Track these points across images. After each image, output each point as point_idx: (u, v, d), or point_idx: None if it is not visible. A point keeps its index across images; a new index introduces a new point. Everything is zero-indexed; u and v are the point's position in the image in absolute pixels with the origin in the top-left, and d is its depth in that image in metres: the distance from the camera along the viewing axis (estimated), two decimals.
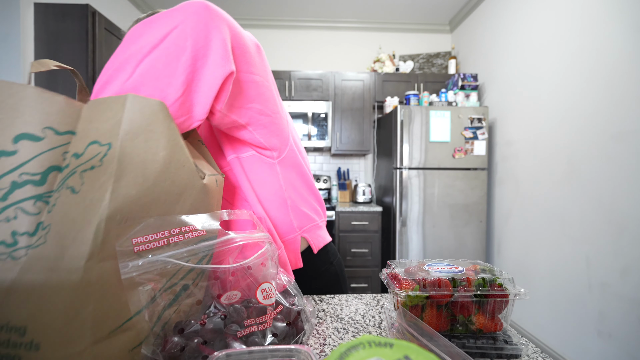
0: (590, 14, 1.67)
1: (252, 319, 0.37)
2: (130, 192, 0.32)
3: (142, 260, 0.31)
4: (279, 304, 0.41)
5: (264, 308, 0.39)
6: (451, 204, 2.39)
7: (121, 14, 2.57)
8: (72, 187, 0.31)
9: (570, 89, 1.78)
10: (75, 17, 1.81)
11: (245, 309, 0.38)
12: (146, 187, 0.34)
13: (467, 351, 0.40)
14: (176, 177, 0.37)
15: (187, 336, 0.34)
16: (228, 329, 0.35)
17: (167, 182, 0.36)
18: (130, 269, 0.30)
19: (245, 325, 0.36)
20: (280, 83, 2.87)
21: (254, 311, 0.38)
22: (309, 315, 0.43)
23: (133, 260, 0.31)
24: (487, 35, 2.61)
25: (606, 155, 1.56)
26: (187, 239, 0.35)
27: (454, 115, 2.37)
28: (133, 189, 0.32)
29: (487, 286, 0.42)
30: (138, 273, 0.31)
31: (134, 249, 0.31)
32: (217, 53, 0.42)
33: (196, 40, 0.41)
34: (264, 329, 0.37)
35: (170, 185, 0.37)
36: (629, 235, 1.44)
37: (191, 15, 0.42)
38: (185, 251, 0.34)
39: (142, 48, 0.40)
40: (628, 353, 1.43)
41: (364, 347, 0.18)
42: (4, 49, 1.72)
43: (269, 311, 0.39)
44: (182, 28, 0.41)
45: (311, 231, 0.67)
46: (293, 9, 3.04)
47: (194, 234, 0.36)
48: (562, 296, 1.80)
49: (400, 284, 0.43)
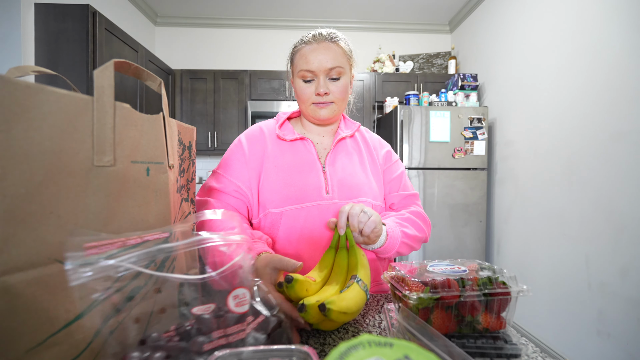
0: (590, 14, 1.67)
1: (221, 329, 0.33)
2: (20, 192, 0.29)
3: (94, 266, 0.28)
4: (259, 314, 0.38)
5: (239, 317, 0.35)
6: (451, 204, 2.39)
7: (121, 14, 2.57)
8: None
9: (569, 89, 1.78)
10: (76, 17, 1.81)
11: (216, 318, 0.34)
12: (38, 182, 0.30)
13: (467, 351, 0.41)
14: (71, 167, 0.33)
15: (149, 349, 0.31)
16: (194, 342, 0.31)
17: (63, 173, 0.32)
18: (80, 275, 0.27)
19: (214, 337, 0.32)
20: (280, 83, 2.87)
21: (225, 321, 0.34)
22: (289, 326, 0.41)
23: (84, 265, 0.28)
24: (487, 35, 2.61)
25: (605, 155, 1.56)
26: (146, 240, 0.32)
27: (454, 115, 2.37)
28: (22, 187, 0.29)
29: (493, 284, 0.42)
30: (90, 279, 0.28)
31: (86, 253, 0.28)
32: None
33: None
34: (236, 340, 0.33)
35: (67, 177, 0.33)
36: (628, 234, 1.45)
37: None
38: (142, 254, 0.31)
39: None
40: (627, 352, 1.43)
41: (364, 347, 0.18)
42: (5, 49, 1.73)
43: (246, 321, 0.35)
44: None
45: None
46: (293, 10, 3.04)
47: (154, 236, 0.33)
48: (562, 296, 1.80)
49: (410, 287, 0.43)
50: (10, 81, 0.29)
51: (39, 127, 0.31)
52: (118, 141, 0.38)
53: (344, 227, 0.57)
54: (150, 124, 0.43)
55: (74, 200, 0.33)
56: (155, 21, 3.12)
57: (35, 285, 0.29)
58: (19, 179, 0.29)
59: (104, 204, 0.36)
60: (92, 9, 1.83)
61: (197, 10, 3.04)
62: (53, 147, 0.32)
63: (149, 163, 0.42)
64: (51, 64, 1.80)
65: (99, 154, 0.36)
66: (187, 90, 2.88)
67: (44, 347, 0.30)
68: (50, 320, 0.30)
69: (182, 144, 0.53)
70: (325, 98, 0.73)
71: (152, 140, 0.43)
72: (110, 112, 0.37)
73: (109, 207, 0.37)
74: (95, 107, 0.36)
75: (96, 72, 0.37)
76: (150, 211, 0.42)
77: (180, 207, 0.52)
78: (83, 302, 0.27)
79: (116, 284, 0.29)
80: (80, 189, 0.34)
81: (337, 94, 0.73)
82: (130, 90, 2.21)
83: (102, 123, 0.36)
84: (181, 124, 0.53)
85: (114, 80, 0.38)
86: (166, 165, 0.46)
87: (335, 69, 0.72)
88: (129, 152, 0.40)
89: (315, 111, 0.75)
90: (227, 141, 2.90)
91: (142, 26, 2.92)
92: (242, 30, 3.25)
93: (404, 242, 0.68)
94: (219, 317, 0.34)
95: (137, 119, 0.41)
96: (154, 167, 0.43)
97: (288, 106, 2.78)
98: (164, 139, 0.46)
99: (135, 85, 2.25)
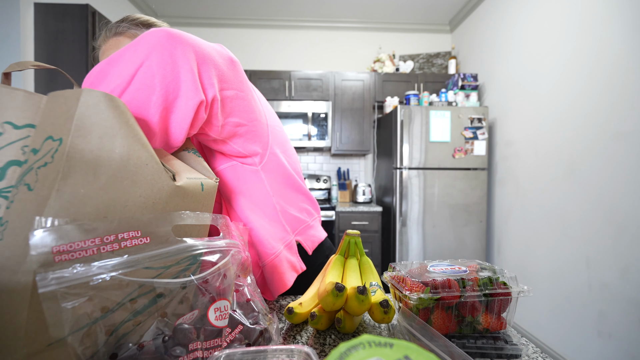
0: (590, 13, 1.67)
1: (198, 342, 0.31)
2: (78, 191, 0.30)
3: (65, 272, 0.26)
4: (238, 323, 0.36)
5: (218, 331, 0.33)
6: (451, 204, 2.39)
7: (121, 14, 2.57)
8: (28, 183, 0.30)
9: (570, 88, 1.78)
10: (75, 17, 1.81)
11: (196, 329, 0.32)
12: (98, 186, 0.31)
13: (467, 351, 0.40)
14: (137, 176, 0.34)
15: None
16: (170, 354, 0.30)
17: (127, 181, 0.33)
18: (49, 281, 0.25)
19: (190, 350, 0.30)
20: (280, 83, 2.87)
21: (205, 332, 0.32)
22: (272, 335, 0.38)
23: (54, 271, 0.26)
24: (487, 35, 2.61)
25: (606, 155, 1.56)
26: (124, 247, 0.30)
27: (454, 115, 2.37)
28: (82, 187, 0.30)
29: (494, 285, 0.42)
30: (60, 287, 0.26)
31: (55, 258, 0.26)
32: (187, 84, 0.42)
33: (164, 76, 0.40)
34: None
35: (130, 186, 0.34)
36: (629, 235, 1.44)
37: (155, 49, 0.40)
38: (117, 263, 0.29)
39: (113, 92, 0.39)
40: (628, 353, 1.43)
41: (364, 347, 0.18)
42: (4, 49, 1.73)
43: (224, 334, 0.33)
44: (148, 65, 0.40)
45: (304, 233, 0.67)
46: (293, 9, 3.04)
47: (133, 241, 0.31)
48: (562, 296, 1.80)
49: (410, 287, 0.43)
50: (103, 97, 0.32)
51: (113, 135, 0.33)
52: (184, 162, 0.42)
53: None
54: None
55: (132, 209, 0.34)
56: None
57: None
58: (82, 180, 0.30)
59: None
60: (91, 8, 1.83)
61: (197, 10, 3.03)
62: (122, 155, 0.33)
63: (202, 179, 0.43)
64: (50, 64, 1.80)
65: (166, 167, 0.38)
66: None
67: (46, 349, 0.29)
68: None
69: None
70: None
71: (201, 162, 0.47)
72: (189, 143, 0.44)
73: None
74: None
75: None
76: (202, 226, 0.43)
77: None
78: (50, 310, 0.26)
79: (89, 292, 0.28)
80: (142, 199, 0.35)
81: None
82: None
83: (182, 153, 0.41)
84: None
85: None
86: (213, 180, 0.47)
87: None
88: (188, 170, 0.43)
89: None
90: None
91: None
92: (242, 30, 3.25)
93: None
94: (198, 328, 0.32)
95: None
96: (206, 183, 0.44)
97: (288, 106, 2.78)
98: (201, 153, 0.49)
99: None
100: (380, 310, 0.44)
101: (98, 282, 0.27)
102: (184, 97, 0.42)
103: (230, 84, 0.50)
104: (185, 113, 0.42)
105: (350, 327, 0.47)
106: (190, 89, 0.42)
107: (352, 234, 0.60)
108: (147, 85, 0.40)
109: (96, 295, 0.28)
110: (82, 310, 0.27)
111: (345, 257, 0.59)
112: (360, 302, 0.43)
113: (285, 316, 0.48)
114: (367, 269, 0.56)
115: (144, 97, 0.40)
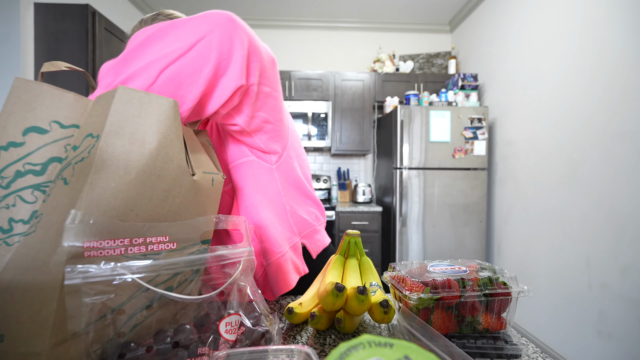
0: (591, 14, 1.67)
1: (206, 347, 0.32)
2: (110, 185, 0.31)
3: (92, 268, 0.27)
4: (241, 325, 0.37)
5: (226, 343, 0.33)
6: (451, 204, 2.39)
7: (121, 14, 2.57)
8: (65, 178, 0.31)
9: (570, 88, 1.78)
10: (75, 17, 1.81)
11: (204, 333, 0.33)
12: (128, 180, 0.32)
13: (467, 351, 0.40)
14: (163, 171, 0.35)
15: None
16: (175, 356, 0.30)
17: (153, 176, 0.34)
18: (76, 275, 0.26)
19: (198, 354, 0.31)
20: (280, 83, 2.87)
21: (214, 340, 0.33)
22: (273, 336, 0.39)
23: (82, 264, 0.27)
24: (487, 35, 2.61)
25: (606, 155, 1.56)
26: (151, 250, 0.31)
27: (454, 115, 2.37)
28: (112, 181, 0.31)
29: (494, 285, 0.42)
30: (84, 281, 0.26)
31: (84, 253, 0.27)
32: (236, 66, 0.45)
33: (220, 53, 0.44)
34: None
35: (156, 180, 0.35)
36: (629, 235, 1.44)
37: (218, 27, 0.44)
38: (142, 267, 0.29)
39: (169, 54, 0.42)
40: (628, 353, 1.43)
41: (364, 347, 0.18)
42: (4, 49, 1.72)
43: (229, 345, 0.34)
44: (209, 39, 0.43)
45: (310, 237, 0.68)
46: (293, 9, 3.04)
47: (160, 246, 0.32)
48: (562, 296, 1.80)
49: (410, 287, 0.43)
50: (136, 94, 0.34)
51: (145, 131, 0.34)
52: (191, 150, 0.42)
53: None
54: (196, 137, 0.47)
55: (155, 202, 0.35)
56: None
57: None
58: (113, 174, 0.31)
59: (176, 210, 0.38)
60: (91, 8, 1.83)
61: (197, 10, 3.03)
62: (152, 150, 0.34)
63: (212, 174, 0.45)
64: None
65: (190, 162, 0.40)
66: None
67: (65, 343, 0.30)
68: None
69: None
70: None
71: (213, 154, 0.48)
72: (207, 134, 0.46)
73: (178, 213, 0.38)
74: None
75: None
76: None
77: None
78: (71, 303, 0.26)
79: (110, 291, 0.28)
80: (164, 193, 0.36)
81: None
82: None
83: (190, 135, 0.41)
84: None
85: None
86: (221, 175, 0.48)
87: None
88: (205, 163, 0.44)
89: None
90: None
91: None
92: None
93: None
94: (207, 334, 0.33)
95: (192, 133, 0.46)
96: (216, 178, 0.46)
97: (288, 106, 2.78)
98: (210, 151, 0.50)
99: None
100: (380, 310, 0.44)
101: (120, 282, 0.28)
102: (229, 76, 0.45)
103: (268, 80, 0.53)
104: (224, 91, 0.46)
105: (350, 327, 0.47)
106: (237, 71, 0.46)
107: (352, 234, 0.60)
108: (204, 57, 0.43)
109: (116, 295, 0.29)
110: (100, 307, 0.28)
111: (345, 257, 0.59)
112: (360, 302, 0.43)
113: (285, 316, 0.48)
114: (367, 269, 0.56)
115: (198, 66, 0.43)
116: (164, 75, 0.41)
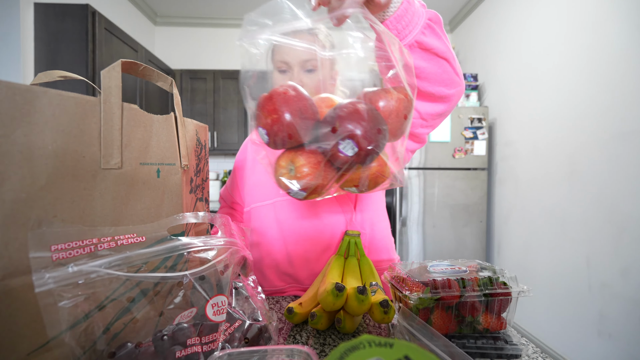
0: (591, 13, 1.66)
1: (196, 337, 0.31)
2: (20, 196, 0.29)
3: (62, 271, 0.26)
4: (236, 320, 0.36)
5: (215, 325, 0.33)
6: (451, 204, 2.39)
7: (121, 14, 2.57)
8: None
9: (570, 88, 1.78)
10: (75, 17, 1.81)
11: (195, 326, 0.32)
12: (40, 186, 0.30)
13: (467, 351, 0.40)
14: (76, 170, 0.33)
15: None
16: (168, 353, 0.30)
17: (67, 177, 0.32)
18: (46, 280, 0.25)
19: (188, 345, 0.31)
20: None
21: (204, 329, 0.32)
22: (272, 334, 0.38)
23: (51, 270, 0.26)
24: (487, 36, 2.61)
25: (606, 155, 1.56)
26: (121, 245, 0.30)
27: (454, 115, 2.37)
28: (22, 192, 0.29)
29: (494, 285, 0.42)
30: (57, 285, 0.26)
31: (52, 257, 0.26)
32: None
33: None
34: (210, 350, 0.32)
35: (72, 180, 0.32)
36: (629, 235, 1.44)
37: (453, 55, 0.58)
38: (115, 260, 0.28)
39: (423, 41, 0.53)
40: (628, 353, 1.42)
41: (364, 347, 0.18)
42: (4, 49, 1.72)
43: (220, 328, 0.34)
44: (453, 58, 0.56)
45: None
46: None
47: (130, 240, 0.31)
48: (562, 296, 1.80)
49: (410, 287, 0.43)
50: (9, 85, 0.29)
51: (40, 131, 0.31)
52: (126, 143, 0.38)
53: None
54: (161, 125, 0.43)
55: (79, 203, 0.33)
56: (155, 21, 3.12)
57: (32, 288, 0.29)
58: (19, 184, 0.29)
59: (111, 207, 0.36)
60: (91, 8, 1.83)
61: (197, 10, 3.03)
62: (57, 151, 0.32)
63: (159, 164, 0.42)
64: (51, 64, 1.80)
65: (107, 156, 0.36)
66: (187, 90, 2.89)
67: (45, 349, 0.29)
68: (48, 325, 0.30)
69: (199, 143, 0.53)
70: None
71: (163, 141, 0.43)
72: (118, 114, 0.37)
73: (116, 210, 0.36)
74: (103, 108, 0.36)
75: (103, 73, 0.36)
76: (161, 213, 0.42)
77: (195, 207, 0.52)
78: (47, 309, 0.26)
79: (86, 290, 0.28)
80: (87, 192, 0.34)
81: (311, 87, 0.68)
82: (129, 90, 2.21)
83: (109, 125, 0.36)
84: (198, 123, 0.53)
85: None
86: (178, 166, 0.45)
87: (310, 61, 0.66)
88: (138, 153, 0.39)
89: None
90: (226, 141, 2.90)
91: (142, 26, 2.92)
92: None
93: (430, 27, 0.53)
94: (197, 324, 0.33)
95: (147, 120, 0.41)
96: (165, 169, 0.43)
97: None
98: (176, 140, 0.45)
99: (134, 85, 2.25)
100: (380, 310, 0.44)
101: (94, 280, 0.27)
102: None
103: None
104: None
105: (350, 327, 0.47)
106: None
107: (352, 234, 0.60)
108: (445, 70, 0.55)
109: (93, 292, 0.28)
110: (79, 308, 0.28)
111: (345, 257, 0.59)
112: (360, 302, 0.43)
113: (285, 316, 0.48)
114: (367, 269, 0.56)
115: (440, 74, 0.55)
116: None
